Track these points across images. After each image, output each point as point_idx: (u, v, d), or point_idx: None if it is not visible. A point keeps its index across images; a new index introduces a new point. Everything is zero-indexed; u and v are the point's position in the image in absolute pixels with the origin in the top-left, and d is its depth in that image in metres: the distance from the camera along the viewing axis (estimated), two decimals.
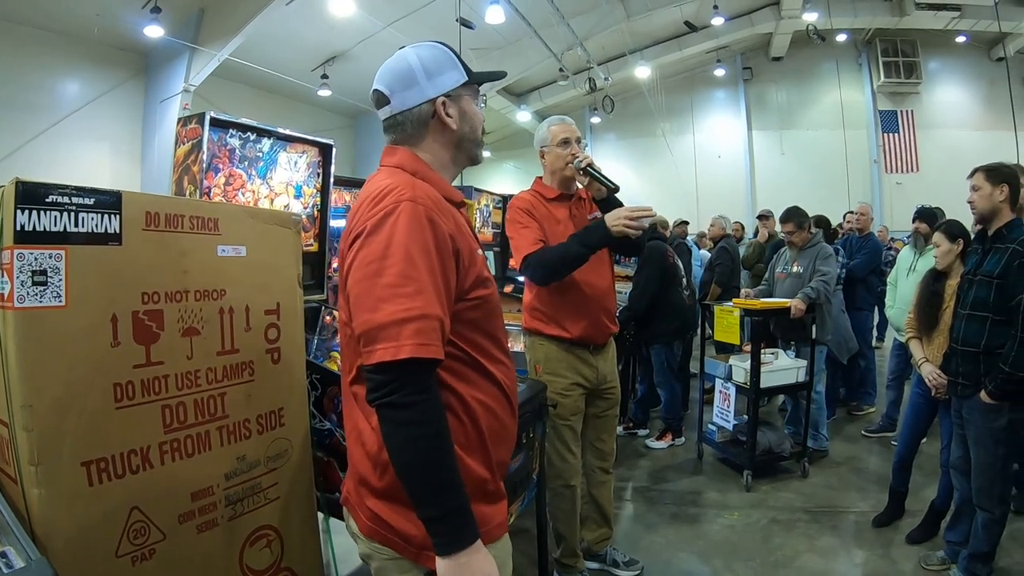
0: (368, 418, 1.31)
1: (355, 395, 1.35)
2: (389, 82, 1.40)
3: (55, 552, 1.41)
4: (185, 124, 2.49)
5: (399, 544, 1.29)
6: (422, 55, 1.39)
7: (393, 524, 1.29)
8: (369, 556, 1.36)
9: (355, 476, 1.38)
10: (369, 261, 1.21)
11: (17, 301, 1.41)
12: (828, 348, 4.83)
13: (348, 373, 1.37)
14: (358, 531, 1.36)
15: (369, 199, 1.27)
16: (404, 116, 1.40)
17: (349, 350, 1.35)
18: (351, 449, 1.40)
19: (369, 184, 1.36)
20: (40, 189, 1.45)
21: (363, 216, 1.25)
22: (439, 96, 1.39)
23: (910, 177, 15.79)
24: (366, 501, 1.33)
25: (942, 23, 13.77)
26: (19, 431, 1.44)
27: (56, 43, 9.17)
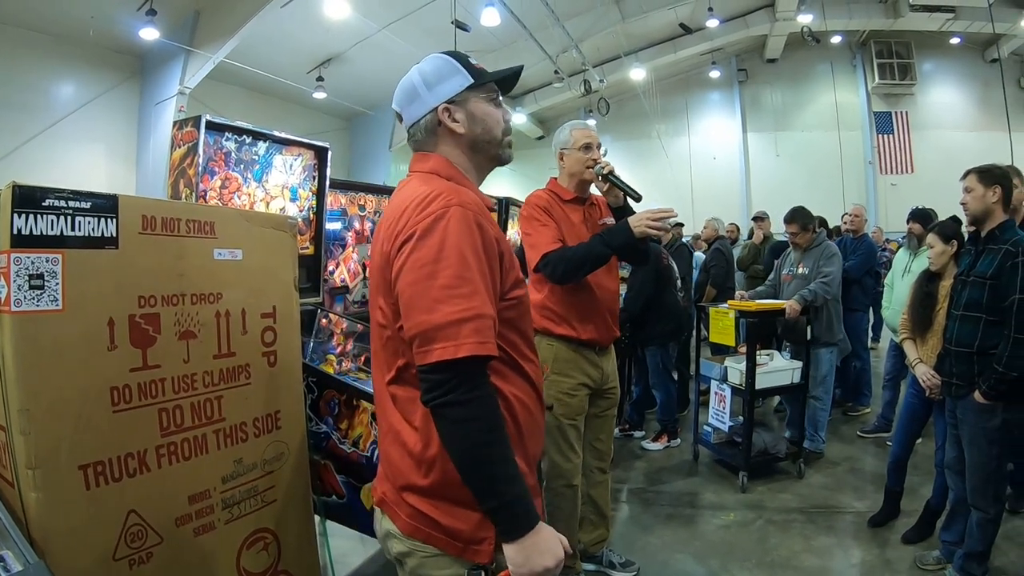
0: (409, 418, 1.33)
1: (394, 396, 1.37)
2: (399, 100, 1.47)
3: (52, 555, 1.42)
4: (181, 127, 2.49)
5: (443, 540, 1.30)
6: (423, 68, 1.45)
7: (439, 521, 1.30)
8: (407, 554, 1.36)
9: (392, 477, 1.38)
10: (422, 264, 1.23)
11: (14, 305, 1.41)
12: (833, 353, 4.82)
13: (385, 374, 1.37)
14: (397, 531, 1.36)
15: (415, 203, 1.29)
16: (415, 128, 1.45)
17: (386, 352, 1.37)
18: (387, 450, 1.40)
19: (406, 190, 1.38)
20: (37, 193, 1.45)
21: (411, 220, 1.27)
22: (440, 104, 1.42)
23: (905, 178, 15.87)
24: (407, 500, 1.34)
25: (936, 25, 13.83)
26: (16, 435, 1.44)
27: (51, 45, 9.16)
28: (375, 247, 1.40)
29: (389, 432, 1.39)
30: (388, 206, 1.43)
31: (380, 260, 1.34)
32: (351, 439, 2.40)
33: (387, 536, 1.40)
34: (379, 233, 1.41)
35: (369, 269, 1.44)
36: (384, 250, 1.32)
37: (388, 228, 1.33)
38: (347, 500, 2.44)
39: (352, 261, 3.60)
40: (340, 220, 3.53)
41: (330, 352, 3.18)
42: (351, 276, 3.60)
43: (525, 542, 1.21)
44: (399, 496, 1.36)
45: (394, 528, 1.37)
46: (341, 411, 2.42)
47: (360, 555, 3.26)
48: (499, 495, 1.21)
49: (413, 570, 1.36)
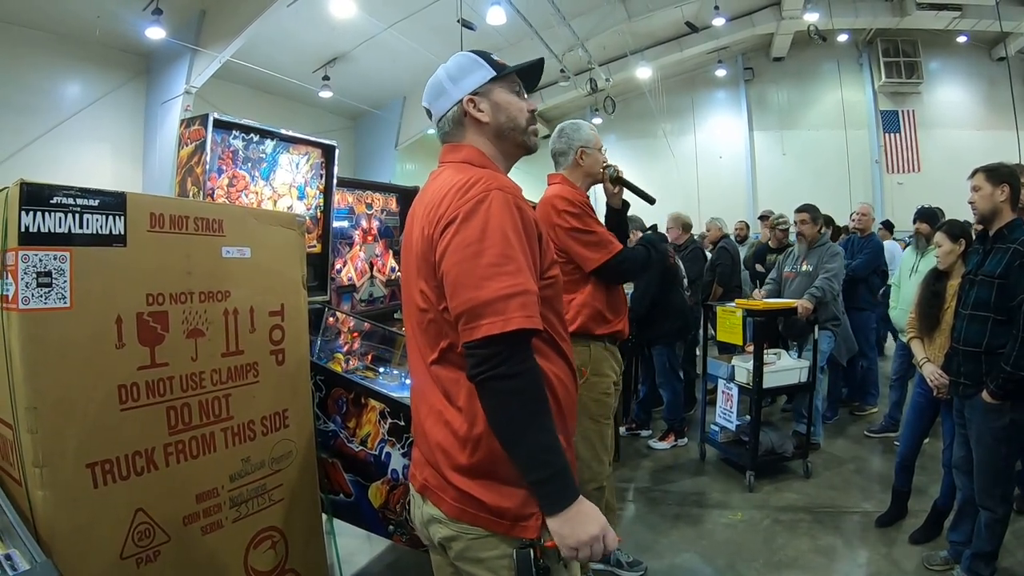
0: (453, 399, 1.36)
1: (436, 377, 1.40)
2: (428, 97, 1.54)
3: (60, 554, 1.42)
4: (188, 126, 2.49)
5: (489, 520, 1.32)
6: (447, 66, 1.53)
7: (485, 500, 1.32)
8: (453, 538, 1.37)
9: (435, 461, 1.40)
10: (467, 244, 1.27)
11: (22, 303, 1.42)
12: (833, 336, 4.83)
13: (427, 356, 1.40)
14: (442, 515, 1.38)
15: (455, 189, 1.34)
16: (443, 121, 1.52)
17: (428, 334, 1.40)
18: (428, 434, 1.42)
19: (442, 178, 1.43)
20: (45, 191, 1.46)
21: (453, 204, 1.31)
22: (464, 96, 1.49)
23: (911, 177, 15.78)
24: (452, 482, 1.36)
25: (943, 23, 13.75)
26: (23, 433, 1.44)
27: (57, 45, 9.18)
28: (411, 234, 1.45)
29: (430, 415, 1.41)
30: (422, 195, 1.48)
31: (421, 245, 1.37)
32: (359, 437, 2.40)
33: (430, 522, 1.42)
34: (413, 220, 1.46)
35: (404, 257, 1.48)
36: (426, 234, 1.35)
37: (427, 214, 1.37)
38: (355, 498, 2.44)
39: (359, 259, 3.60)
40: (347, 218, 3.53)
41: (337, 350, 3.18)
42: (358, 274, 3.60)
43: (569, 513, 1.24)
44: (443, 480, 1.38)
45: (438, 513, 1.39)
46: (349, 409, 2.42)
47: (367, 554, 3.26)
48: (546, 466, 1.24)
49: (460, 553, 1.38)
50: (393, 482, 2.33)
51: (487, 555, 1.34)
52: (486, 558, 1.34)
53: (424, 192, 1.48)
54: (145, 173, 10.38)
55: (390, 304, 3.88)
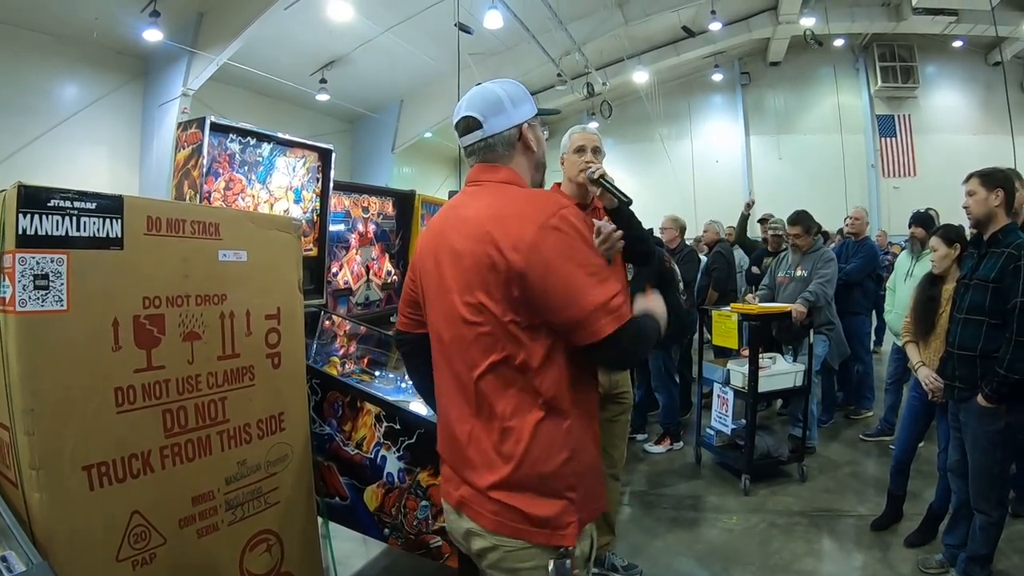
0: (499, 413, 1.41)
1: (482, 391, 1.43)
2: (482, 109, 1.54)
3: (56, 556, 1.42)
4: (185, 129, 2.50)
5: (530, 531, 1.38)
6: (506, 88, 1.57)
7: (526, 511, 1.38)
8: (490, 549, 1.42)
9: (472, 476, 1.45)
10: (566, 259, 1.36)
11: (19, 305, 1.42)
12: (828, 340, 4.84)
13: (473, 370, 1.43)
14: (480, 528, 1.43)
15: (526, 206, 1.41)
16: (495, 139, 1.54)
17: (477, 347, 1.42)
18: (469, 447, 1.45)
19: (494, 197, 1.49)
20: (42, 193, 1.46)
21: (530, 222, 1.37)
22: (524, 122, 1.57)
23: (908, 181, 15.81)
24: (493, 496, 1.40)
25: (939, 28, 13.80)
26: (20, 435, 1.44)
27: (54, 46, 9.15)
28: (450, 248, 1.48)
29: (470, 430, 1.45)
30: (460, 209, 1.54)
31: (476, 260, 1.40)
32: (354, 441, 2.40)
33: (467, 534, 1.48)
34: (450, 234, 1.49)
35: (437, 271, 1.51)
36: (491, 250, 1.37)
37: (487, 230, 1.39)
38: (350, 502, 2.44)
39: (356, 263, 3.61)
40: (344, 222, 3.53)
41: (333, 354, 3.18)
42: (354, 278, 3.60)
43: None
44: (482, 495, 1.42)
45: (476, 526, 1.44)
46: (345, 413, 2.42)
47: (362, 557, 3.26)
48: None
49: (495, 563, 1.43)
50: (388, 485, 2.33)
51: (523, 566, 1.40)
52: (522, 568, 1.40)
53: (462, 207, 1.53)
54: (142, 175, 10.36)
55: (386, 308, 3.88)
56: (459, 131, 1.59)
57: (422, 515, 2.26)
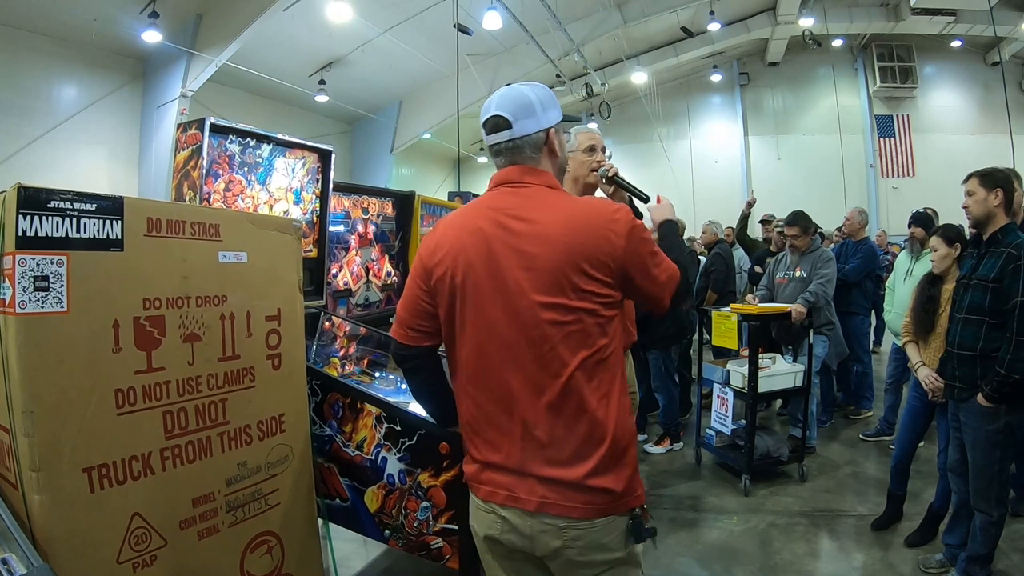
0: (589, 405, 1.45)
1: (572, 387, 1.45)
2: (513, 110, 1.56)
3: (56, 558, 1.41)
4: (185, 130, 2.49)
5: (615, 505, 1.47)
6: (537, 92, 1.60)
7: (614, 488, 1.46)
8: (576, 539, 1.46)
9: (560, 472, 1.46)
10: (640, 246, 1.50)
11: (19, 307, 1.41)
12: (828, 341, 4.84)
13: (565, 368, 1.45)
14: (571, 521, 1.45)
15: (604, 210, 1.52)
16: (523, 140, 1.57)
17: (566, 345, 1.45)
18: (552, 447, 1.46)
19: (562, 201, 1.54)
20: (42, 195, 1.45)
21: (613, 223, 1.48)
22: (551, 126, 1.60)
23: (906, 181, 15.85)
24: (585, 484, 1.44)
25: (937, 28, 13.85)
26: (20, 437, 1.44)
27: (54, 47, 9.17)
28: (524, 251, 1.48)
29: (554, 430, 1.46)
30: (525, 213, 1.51)
31: (555, 264, 1.44)
32: (355, 442, 2.40)
33: (542, 534, 1.48)
34: (511, 240, 1.49)
35: (505, 274, 1.49)
36: (574, 257, 1.44)
37: (571, 238, 1.46)
38: (351, 503, 2.44)
39: (355, 264, 3.60)
40: (343, 223, 3.53)
41: (333, 355, 3.18)
42: (354, 279, 3.60)
43: None
44: (572, 488, 1.45)
45: (563, 521, 1.45)
46: (345, 414, 2.42)
47: (363, 558, 3.26)
48: None
49: (582, 549, 1.47)
50: (389, 486, 2.33)
51: (608, 538, 1.47)
52: (607, 540, 1.47)
53: (516, 208, 1.52)
54: (141, 176, 10.37)
55: (386, 308, 3.87)
56: (486, 129, 1.60)
57: (423, 516, 2.25)
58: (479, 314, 1.52)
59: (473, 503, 1.63)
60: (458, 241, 1.55)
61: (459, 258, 1.53)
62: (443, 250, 1.56)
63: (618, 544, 1.49)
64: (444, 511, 2.21)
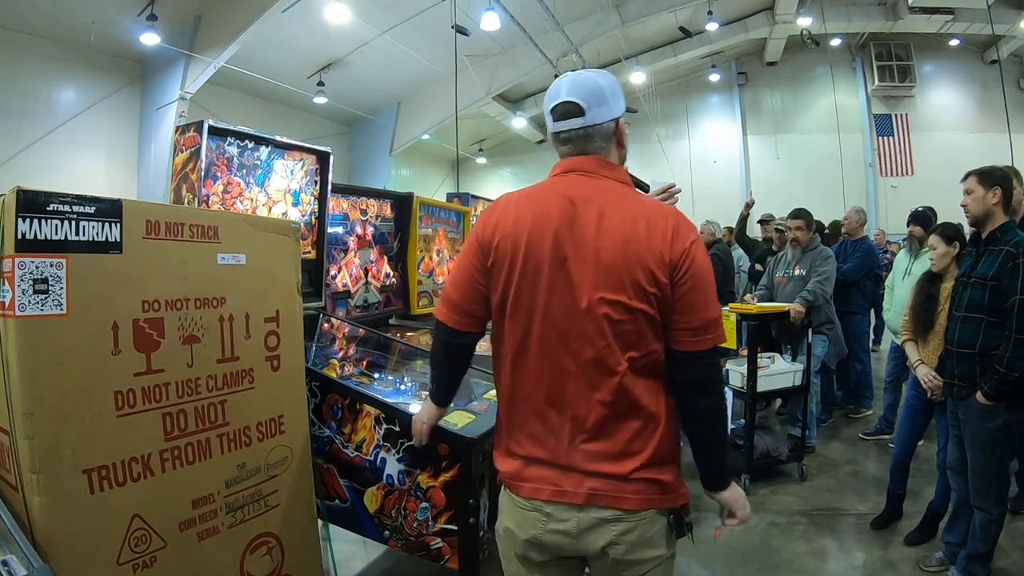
0: (641, 401, 1.46)
1: (625, 386, 1.45)
2: (585, 97, 1.51)
3: (57, 559, 1.42)
4: (183, 132, 2.50)
5: (664, 498, 1.48)
6: (607, 80, 1.55)
7: (665, 481, 1.47)
8: (627, 531, 1.45)
9: (610, 466, 1.45)
10: (705, 272, 1.46)
11: (18, 309, 1.42)
12: (827, 341, 4.85)
13: (616, 366, 1.43)
14: (622, 512, 1.44)
15: (679, 218, 1.49)
16: (595, 129, 1.53)
17: (619, 343, 1.44)
18: (603, 440, 1.46)
19: (617, 199, 1.49)
20: (41, 198, 1.46)
21: (683, 232, 1.46)
22: (620, 116, 1.57)
23: (905, 180, 15.84)
24: (636, 476, 1.44)
25: (935, 27, 13.83)
26: (20, 439, 1.45)
27: (52, 50, 9.17)
28: (591, 244, 1.45)
29: (606, 424, 1.46)
30: (599, 207, 1.47)
31: (620, 261, 1.42)
32: (354, 443, 2.40)
33: (593, 527, 1.46)
34: (578, 230, 1.46)
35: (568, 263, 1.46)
36: (642, 258, 1.42)
37: (641, 239, 1.43)
38: (350, 504, 2.45)
39: (354, 265, 3.61)
40: (342, 224, 3.53)
41: (332, 356, 3.18)
42: (353, 280, 3.60)
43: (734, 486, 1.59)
44: (623, 480, 1.44)
45: (615, 512, 1.44)
46: (344, 415, 2.43)
47: (363, 559, 3.26)
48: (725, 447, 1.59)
49: (633, 543, 1.45)
50: (388, 487, 2.33)
51: (654, 531, 1.47)
52: (653, 534, 1.47)
53: (590, 200, 1.48)
54: (140, 179, 10.37)
55: (384, 310, 3.88)
56: (555, 115, 1.54)
57: (422, 517, 2.26)
58: (535, 300, 1.47)
59: (511, 503, 1.55)
60: (522, 222, 1.49)
61: (520, 240, 1.48)
62: (505, 229, 1.51)
63: (661, 540, 1.49)
64: (443, 511, 2.21)
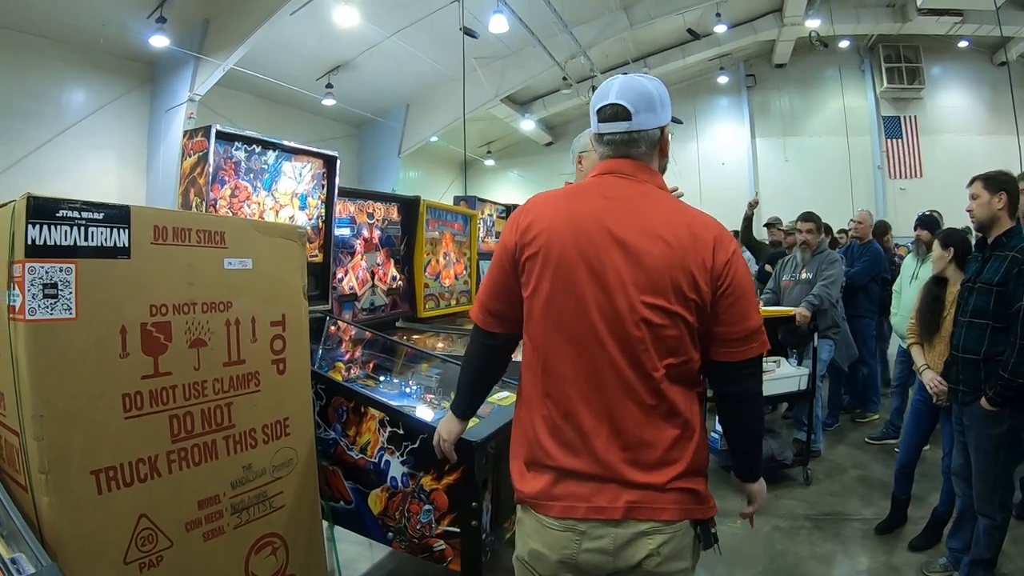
0: (677, 409, 1.44)
1: (662, 392, 1.43)
2: (635, 100, 1.49)
3: (65, 558, 1.44)
4: (191, 137, 2.52)
5: (698, 509, 1.47)
6: (657, 86, 1.53)
7: (699, 490, 1.47)
8: (664, 543, 1.42)
9: (647, 476, 1.42)
10: (746, 282, 1.48)
11: (28, 314, 1.45)
12: (834, 345, 4.85)
13: (652, 372, 1.42)
14: (660, 524, 1.42)
15: (718, 227, 1.48)
16: (640, 135, 1.51)
17: (656, 349, 1.42)
18: (643, 450, 1.42)
19: (659, 204, 1.49)
20: (50, 204, 1.49)
21: (724, 241, 1.46)
22: (666, 124, 1.55)
23: (914, 183, 15.75)
24: (677, 487, 1.43)
25: (944, 28, 13.74)
26: (30, 440, 1.47)
27: (62, 52, 9.25)
28: (631, 245, 1.42)
29: (644, 432, 1.43)
30: (640, 208, 1.46)
31: (662, 265, 1.41)
32: (359, 445, 2.42)
33: (626, 546, 1.42)
34: (619, 231, 1.43)
35: (606, 264, 1.42)
36: (684, 262, 1.41)
37: (683, 243, 1.42)
38: (354, 506, 2.47)
39: (361, 269, 3.63)
40: (349, 228, 3.56)
41: (339, 359, 3.20)
42: (359, 284, 3.63)
43: (761, 479, 1.67)
44: (660, 491, 1.42)
45: (652, 524, 1.42)
46: (349, 418, 2.45)
47: (368, 560, 3.28)
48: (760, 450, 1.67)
49: (667, 556, 1.42)
50: (392, 489, 2.35)
51: (686, 542, 1.46)
52: (685, 544, 1.46)
53: (628, 200, 1.47)
54: (149, 180, 10.44)
55: (391, 313, 3.90)
56: (601, 117, 1.52)
57: (425, 519, 2.27)
58: (570, 301, 1.44)
59: (538, 525, 1.47)
60: (556, 221, 1.47)
61: (556, 238, 1.45)
62: (538, 228, 1.48)
63: (689, 552, 1.48)
64: (446, 514, 2.23)
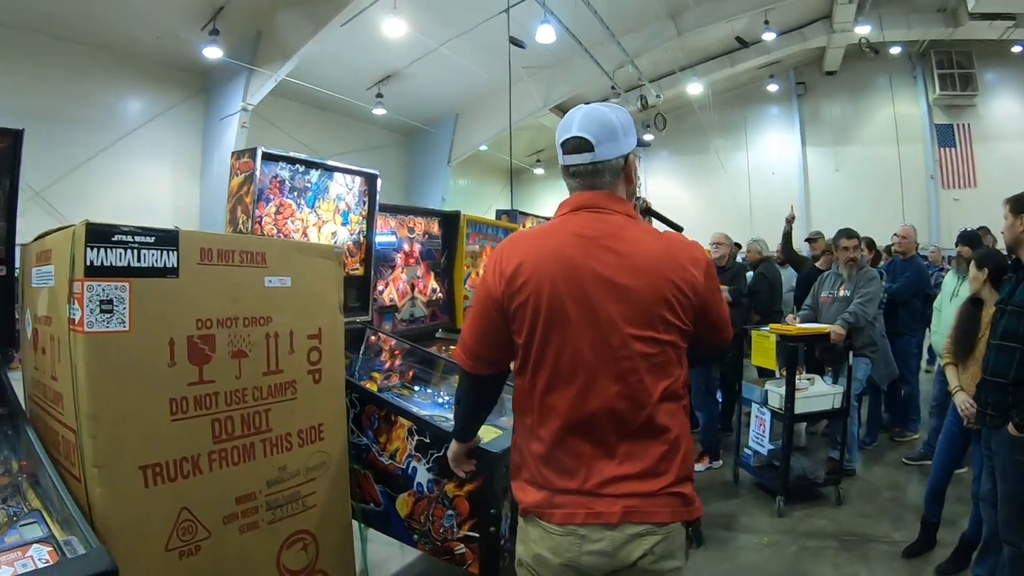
0: (671, 424, 1.52)
1: (660, 412, 1.51)
2: (596, 132, 1.54)
3: (112, 543, 1.58)
4: (239, 157, 2.70)
5: (687, 510, 1.53)
6: (619, 115, 1.58)
7: (687, 493, 1.53)
8: (659, 542, 1.48)
9: (640, 486, 1.48)
10: (717, 289, 1.63)
11: (87, 326, 1.61)
12: (871, 363, 4.78)
13: (654, 394, 1.49)
14: (655, 526, 1.48)
15: (691, 246, 1.60)
16: (603, 165, 1.56)
17: (654, 373, 1.50)
18: (628, 464, 1.49)
19: (637, 235, 1.55)
20: (106, 229, 1.66)
21: (699, 260, 1.57)
22: (630, 152, 1.60)
23: (968, 193, 15.26)
24: (675, 491, 1.50)
25: (997, 33, 13.24)
26: (85, 437, 1.65)
27: (120, 63, 9.67)
28: (614, 282, 1.48)
29: (632, 450, 1.50)
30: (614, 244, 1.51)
31: (648, 297, 1.48)
32: (388, 452, 2.55)
33: (627, 542, 1.47)
34: (601, 269, 1.49)
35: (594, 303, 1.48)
36: (664, 292, 1.49)
37: (661, 272, 1.50)
38: (383, 508, 2.59)
39: (401, 281, 3.76)
40: (390, 242, 3.69)
41: (377, 368, 3.33)
42: (399, 296, 3.76)
43: None
44: (653, 497, 1.48)
45: (648, 526, 1.48)
46: (380, 425, 2.58)
47: (399, 562, 3.39)
48: None
49: (660, 555, 1.49)
50: (418, 494, 2.47)
51: (678, 543, 1.53)
52: (677, 545, 1.53)
53: (606, 238, 1.51)
54: (203, 186, 10.80)
55: (430, 323, 4.03)
56: (565, 149, 1.57)
57: (448, 523, 2.39)
58: (564, 344, 1.49)
59: (541, 532, 1.52)
60: (542, 266, 1.50)
61: (544, 285, 1.49)
62: (525, 274, 1.50)
63: (680, 552, 1.54)
64: (467, 519, 2.34)
